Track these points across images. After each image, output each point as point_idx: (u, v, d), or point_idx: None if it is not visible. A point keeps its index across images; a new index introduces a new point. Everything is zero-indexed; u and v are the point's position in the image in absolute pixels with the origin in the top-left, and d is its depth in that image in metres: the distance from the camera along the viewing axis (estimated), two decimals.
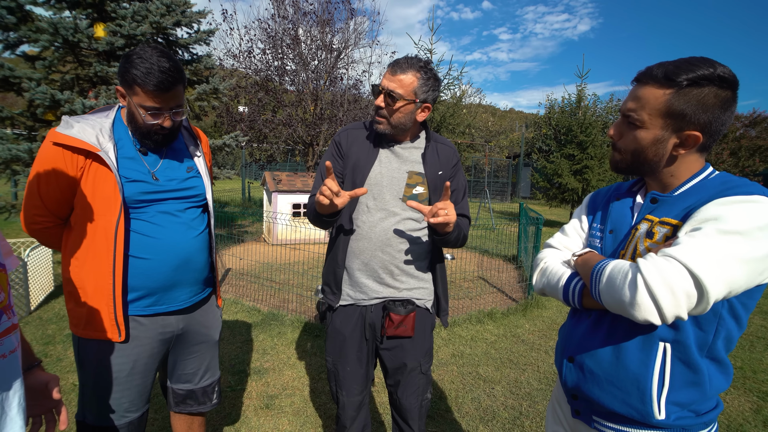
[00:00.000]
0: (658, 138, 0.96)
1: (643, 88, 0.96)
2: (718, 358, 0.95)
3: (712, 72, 0.89)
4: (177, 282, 1.51)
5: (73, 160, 1.35)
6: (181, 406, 1.73)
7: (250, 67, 8.91)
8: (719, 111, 0.91)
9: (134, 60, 1.34)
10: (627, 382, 0.96)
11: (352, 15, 9.13)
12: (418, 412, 1.68)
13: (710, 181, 0.97)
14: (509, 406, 2.79)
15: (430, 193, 1.61)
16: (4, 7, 4.89)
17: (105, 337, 1.43)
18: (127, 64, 1.35)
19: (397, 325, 1.57)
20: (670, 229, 0.94)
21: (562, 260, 1.18)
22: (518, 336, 3.95)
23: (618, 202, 1.12)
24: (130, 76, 1.34)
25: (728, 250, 0.81)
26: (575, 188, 10.60)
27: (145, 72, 1.33)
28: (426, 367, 1.69)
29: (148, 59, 1.34)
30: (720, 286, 0.81)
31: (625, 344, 0.98)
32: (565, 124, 11.19)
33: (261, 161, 10.27)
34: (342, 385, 1.68)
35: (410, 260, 1.62)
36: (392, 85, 1.47)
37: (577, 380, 1.06)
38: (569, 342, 1.12)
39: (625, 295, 0.86)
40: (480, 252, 7.57)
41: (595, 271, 0.97)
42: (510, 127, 39.85)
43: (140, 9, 5.02)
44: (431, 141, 1.64)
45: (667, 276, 0.81)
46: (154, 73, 1.33)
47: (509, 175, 20.63)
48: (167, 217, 1.48)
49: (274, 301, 4.62)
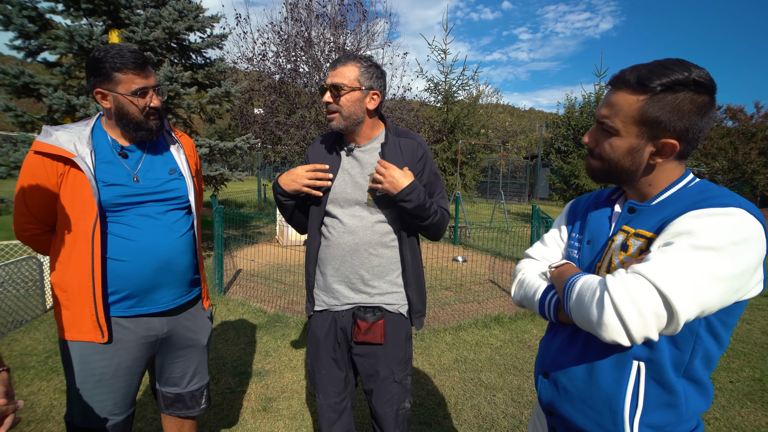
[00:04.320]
0: (634, 146, 0.91)
1: (616, 94, 0.92)
2: (695, 378, 0.89)
3: (687, 76, 0.84)
4: (158, 284, 1.52)
5: (52, 167, 1.39)
6: (170, 409, 1.75)
7: (264, 70, 9.01)
8: (696, 117, 0.86)
9: (101, 56, 1.39)
10: (599, 401, 0.92)
11: (365, 17, 9.15)
12: (394, 422, 1.65)
13: (688, 190, 0.91)
14: (509, 415, 2.72)
15: None
16: (26, 17, 5.08)
17: (88, 339, 1.45)
18: (95, 63, 1.40)
19: (364, 331, 1.57)
20: (644, 242, 0.89)
21: (540, 272, 1.13)
22: (525, 341, 3.87)
23: (596, 211, 1.07)
24: (106, 68, 1.39)
25: (701, 268, 0.76)
26: (592, 190, 10.37)
27: (117, 56, 1.39)
28: (400, 375, 1.66)
29: (110, 49, 1.41)
30: (691, 306, 0.75)
31: (598, 362, 0.93)
32: (584, 124, 10.95)
33: (275, 163, 10.38)
34: (318, 388, 1.71)
35: (381, 264, 1.61)
36: (335, 79, 1.51)
37: (551, 397, 1.02)
38: (545, 357, 1.07)
39: (592, 314, 0.82)
40: (493, 254, 7.46)
41: (566, 286, 0.93)
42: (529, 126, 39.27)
43: (153, 15, 5.13)
44: (390, 137, 1.61)
45: (635, 295, 0.77)
46: (124, 53, 1.40)
47: (527, 176, 20.31)
48: (146, 219, 1.50)
49: (281, 303, 4.65)
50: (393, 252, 1.62)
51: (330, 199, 1.62)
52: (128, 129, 1.47)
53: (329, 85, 1.52)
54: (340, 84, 1.50)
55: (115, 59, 1.37)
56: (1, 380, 1.02)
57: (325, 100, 1.52)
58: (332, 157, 1.62)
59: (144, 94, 1.43)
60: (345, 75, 1.51)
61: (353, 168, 1.60)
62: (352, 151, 1.61)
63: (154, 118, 1.48)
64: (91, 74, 1.41)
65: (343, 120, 1.53)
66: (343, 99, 1.50)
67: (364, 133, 1.60)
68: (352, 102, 1.51)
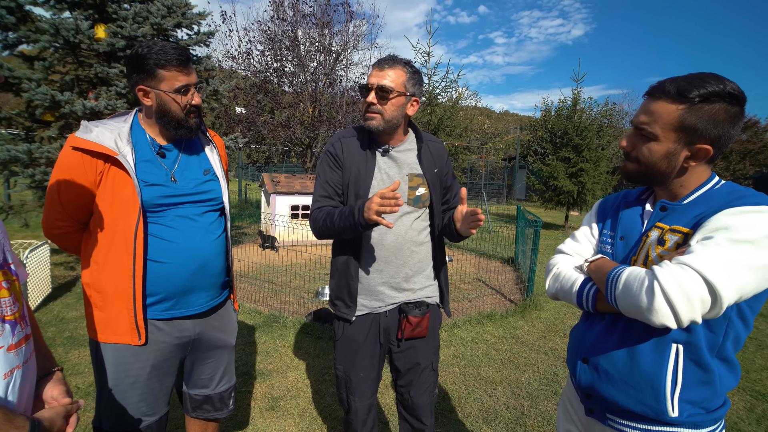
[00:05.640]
0: (671, 151, 1.01)
1: (655, 103, 1.01)
2: (727, 359, 1.00)
3: (722, 89, 0.94)
4: (194, 286, 1.52)
5: (92, 165, 1.37)
6: (198, 412, 1.73)
7: (249, 69, 8.92)
8: (729, 126, 0.96)
9: (144, 52, 1.38)
10: (642, 381, 1.01)
11: (352, 17, 9.18)
12: (429, 409, 1.73)
13: (717, 190, 1.02)
14: (511, 407, 2.83)
15: (431, 192, 1.65)
16: (4, 7, 4.88)
17: (124, 341, 1.44)
18: (139, 59, 1.38)
19: (414, 327, 1.61)
20: (681, 237, 0.99)
21: (574, 266, 1.22)
22: (517, 337, 4.00)
23: (628, 210, 1.17)
24: (150, 64, 1.37)
25: (739, 258, 0.86)
26: (571, 191, 10.70)
27: (161, 52, 1.37)
28: (436, 364, 1.75)
29: (154, 45, 1.39)
30: (732, 291, 0.85)
31: (639, 346, 1.02)
32: (561, 127, 11.29)
33: (258, 163, 10.27)
34: (354, 392, 1.68)
35: (421, 261, 1.66)
36: (382, 81, 1.50)
37: (592, 380, 1.11)
38: (583, 344, 1.16)
39: (642, 300, 0.91)
40: (478, 254, 7.63)
41: (610, 277, 1.01)
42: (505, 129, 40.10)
43: (141, 10, 5.02)
44: (422, 140, 1.67)
45: (683, 283, 0.86)
46: (168, 50, 1.38)
47: (505, 178, 20.75)
48: (185, 221, 1.50)
49: (275, 303, 4.64)
50: (427, 248, 1.69)
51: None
52: (168, 127, 1.46)
53: (376, 86, 1.50)
54: (389, 87, 1.49)
55: (160, 56, 1.36)
56: (58, 379, 1.04)
57: (369, 101, 1.51)
58: (368, 157, 1.62)
59: (186, 91, 1.43)
60: (393, 78, 1.50)
61: (391, 168, 1.63)
62: (389, 151, 1.63)
63: (195, 116, 1.48)
64: (133, 71, 1.39)
65: (384, 123, 1.54)
66: (389, 103, 1.51)
67: (398, 135, 1.64)
68: (396, 107, 1.53)
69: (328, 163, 1.64)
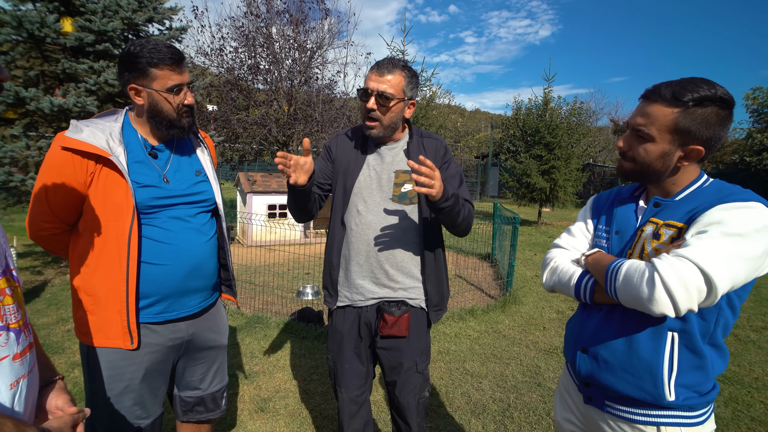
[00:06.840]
0: (666, 151, 1.07)
1: (651, 106, 1.07)
2: (717, 344, 1.07)
3: (714, 93, 1.00)
4: (188, 288, 1.50)
5: (82, 165, 1.33)
6: (189, 415, 1.70)
7: (222, 66, 8.71)
8: (719, 128, 1.03)
9: (136, 50, 1.35)
10: (640, 368, 1.07)
11: (327, 15, 9.12)
12: (416, 410, 1.71)
13: (707, 188, 1.09)
14: (497, 399, 2.91)
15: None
16: None
17: (116, 345, 1.41)
18: (131, 57, 1.35)
19: (390, 325, 1.60)
20: (675, 231, 1.05)
21: (571, 259, 1.27)
22: (499, 332, 4.10)
23: (622, 206, 1.23)
24: (142, 63, 1.35)
25: (732, 250, 0.92)
26: (543, 187, 11.01)
27: (154, 51, 1.35)
28: (422, 366, 1.72)
29: (147, 43, 1.36)
30: (726, 281, 0.92)
31: (637, 335, 1.08)
32: (533, 125, 11.60)
33: (233, 161, 10.06)
34: (341, 382, 1.73)
35: (404, 258, 1.65)
36: (383, 87, 1.50)
37: (591, 369, 1.16)
38: (581, 335, 1.21)
39: (643, 291, 0.96)
40: (455, 251, 7.74)
41: (610, 269, 1.07)
42: (477, 127, 40.72)
43: (111, 4, 4.83)
44: (414, 137, 1.68)
45: (681, 274, 0.92)
46: (161, 48, 1.36)
47: (478, 175, 21.12)
48: (178, 222, 1.48)
49: (256, 304, 4.58)
50: (414, 247, 1.66)
51: (354, 193, 1.65)
52: (160, 126, 1.43)
53: (376, 92, 1.49)
54: (390, 94, 1.49)
55: (152, 54, 1.33)
56: (60, 388, 1.01)
57: (370, 107, 1.51)
58: (357, 153, 1.64)
59: (179, 90, 1.40)
60: (393, 84, 1.50)
61: (379, 164, 1.65)
62: (378, 147, 1.65)
63: (187, 115, 1.45)
64: (125, 69, 1.36)
65: (383, 129, 1.55)
66: (389, 110, 1.51)
67: (395, 135, 1.66)
68: (396, 113, 1.54)
69: (322, 155, 1.75)
